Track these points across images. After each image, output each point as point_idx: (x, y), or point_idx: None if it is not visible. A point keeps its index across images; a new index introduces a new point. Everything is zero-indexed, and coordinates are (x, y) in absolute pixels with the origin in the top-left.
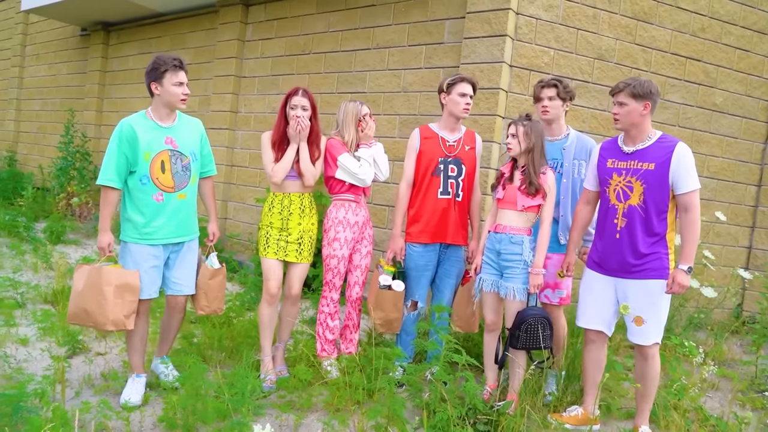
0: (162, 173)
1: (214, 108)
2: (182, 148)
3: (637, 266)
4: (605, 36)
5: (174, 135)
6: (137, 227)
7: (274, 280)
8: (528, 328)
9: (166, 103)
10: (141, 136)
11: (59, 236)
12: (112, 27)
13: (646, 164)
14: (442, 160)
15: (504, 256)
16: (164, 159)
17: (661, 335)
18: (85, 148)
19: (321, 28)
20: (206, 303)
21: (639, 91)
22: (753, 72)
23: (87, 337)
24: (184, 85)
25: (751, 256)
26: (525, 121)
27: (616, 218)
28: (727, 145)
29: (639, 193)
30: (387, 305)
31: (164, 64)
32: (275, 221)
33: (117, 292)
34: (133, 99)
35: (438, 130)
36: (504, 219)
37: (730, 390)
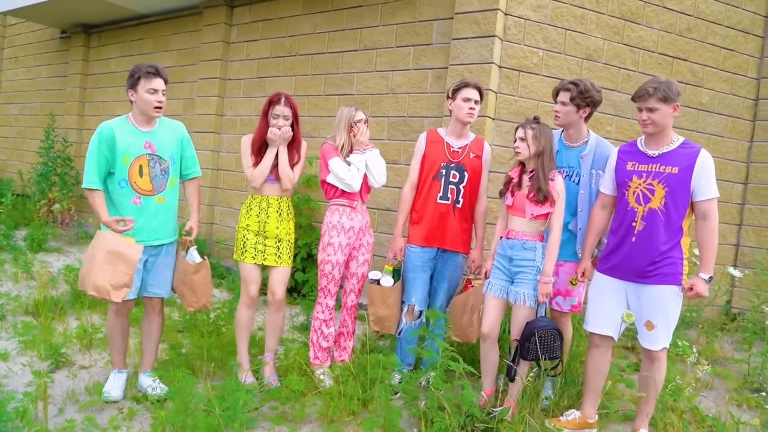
0: (140, 177)
1: (199, 111)
2: (161, 152)
3: (651, 271)
4: (593, 36)
5: (153, 139)
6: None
7: (254, 283)
8: (539, 340)
9: (141, 111)
10: (120, 139)
11: (40, 244)
12: (92, 29)
13: (670, 168)
14: (445, 165)
15: (516, 262)
16: (142, 163)
17: (669, 340)
18: (66, 153)
19: (307, 30)
20: (194, 299)
21: (669, 94)
22: (738, 71)
23: (70, 350)
24: (158, 92)
25: (738, 253)
26: (533, 124)
27: (634, 221)
28: (714, 144)
29: (660, 196)
30: (377, 300)
31: (138, 71)
32: (252, 224)
33: (108, 258)
34: (116, 103)
35: (444, 135)
36: (515, 225)
37: (725, 389)
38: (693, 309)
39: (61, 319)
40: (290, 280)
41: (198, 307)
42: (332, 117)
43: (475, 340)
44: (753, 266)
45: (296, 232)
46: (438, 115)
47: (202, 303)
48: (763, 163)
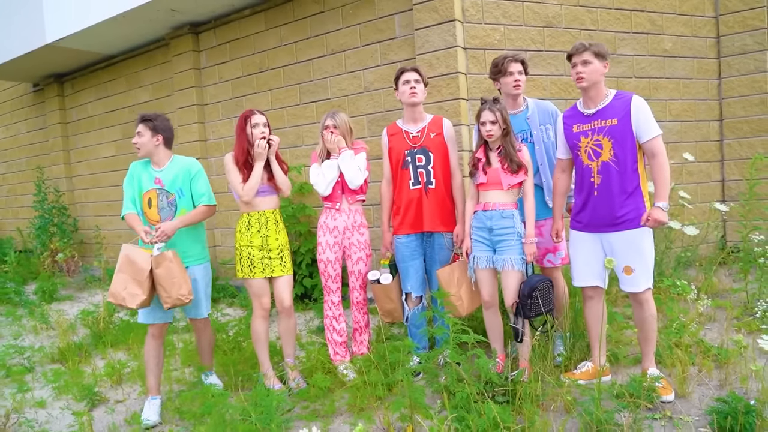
0: (149, 208)
1: (182, 140)
2: (168, 187)
3: (618, 218)
4: (550, 4)
5: (162, 176)
6: None
7: (266, 296)
8: (540, 294)
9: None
10: (138, 176)
11: (51, 294)
12: (64, 77)
13: (609, 120)
14: (408, 152)
15: (496, 231)
16: (152, 196)
17: (650, 280)
18: (60, 203)
19: (274, 43)
20: (165, 294)
21: (601, 50)
22: (695, 13)
23: (103, 388)
24: (136, 135)
25: (725, 188)
26: (497, 105)
27: (591, 177)
28: (684, 87)
29: (609, 148)
30: (380, 297)
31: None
32: (255, 240)
33: (123, 266)
34: (99, 145)
35: (402, 125)
36: (490, 198)
37: (726, 320)
38: (688, 249)
39: (87, 361)
40: (299, 287)
41: (172, 303)
42: (312, 124)
43: (465, 314)
44: (739, 199)
45: (298, 240)
46: None
47: (174, 297)
48: (733, 98)
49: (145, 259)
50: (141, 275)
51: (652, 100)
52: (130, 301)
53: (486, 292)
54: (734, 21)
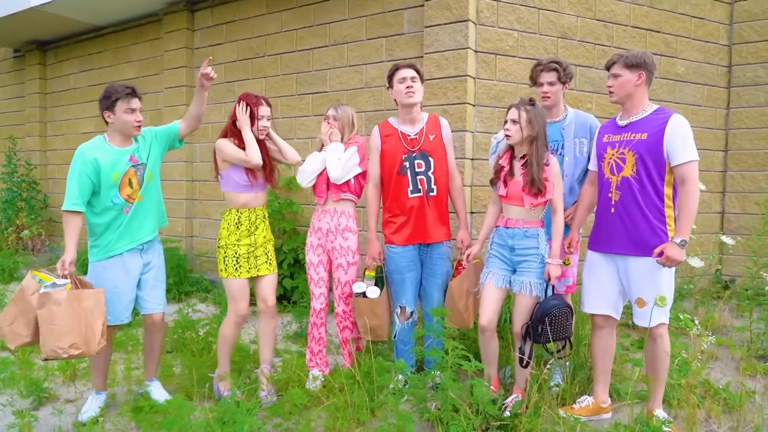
0: (131, 188)
1: (168, 121)
2: (142, 159)
3: (635, 242)
4: (566, 14)
5: (134, 152)
6: (109, 244)
7: (245, 301)
8: (552, 320)
9: (119, 130)
10: (103, 159)
11: (11, 273)
12: (48, 45)
13: (639, 135)
14: (406, 156)
15: (519, 251)
16: (131, 176)
17: (666, 315)
18: (31, 177)
19: (274, 29)
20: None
21: (632, 62)
22: (710, 39)
23: (53, 384)
24: (136, 111)
25: (724, 220)
26: (528, 106)
27: (610, 192)
28: (692, 114)
29: (632, 164)
30: (366, 313)
31: (116, 93)
32: (243, 239)
33: (16, 297)
34: (79, 120)
35: (398, 125)
36: (513, 213)
37: (730, 359)
38: (687, 281)
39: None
40: (279, 287)
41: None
42: (307, 117)
43: (471, 325)
44: (739, 232)
45: (281, 237)
46: None
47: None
48: (740, 129)
49: (102, 295)
50: (30, 314)
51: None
52: (11, 340)
53: (488, 314)
54: (747, 51)
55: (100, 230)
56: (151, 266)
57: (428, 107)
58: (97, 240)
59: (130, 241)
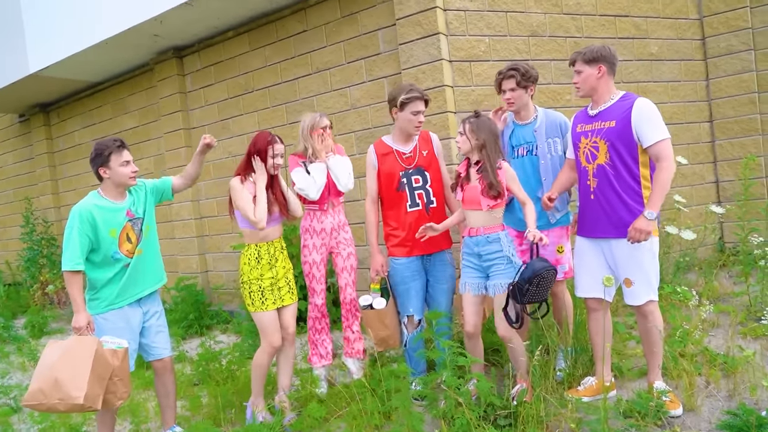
0: (129, 243)
1: (170, 165)
2: (138, 213)
3: (615, 225)
4: (534, 13)
5: (131, 206)
6: (109, 299)
7: (277, 332)
8: (540, 282)
9: (117, 184)
10: (100, 217)
11: (41, 329)
12: (50, 107)
13: (608, 123)
14: (403, 173)
15: (485, 256)
16: (128, 231)
17: (653, 292)
18: (49, 234)
19: (259, 64)
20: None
21: (590, 57)
22: (680, 15)
23: (91, 427)
24: (131, 163)
25: (719, 189)
26: (472, 118)
27: (588, 180)
28: (672, 90)
29: (604, 151)
30: (374, 324)
31: (107, 148)
32: (266, 273)
33: (95, 363)
34: (88, 174)
35: (393, 144)
36: (473, 221)
37: (730, 324)
38: (686, 253)
39: None
40: None
41: (127, 396)
42: None
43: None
44: (736, 199)
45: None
46: None
47: (129, 390)
48: (722, 98)
49: (110, 355)
50: (107, 372)
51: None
52: (100, 403)
53: (471, 321)
54: (718, 22)
55: (100, 284)
56: (152, 313)
57: None
58: (96, 294)
59: (131, 296)
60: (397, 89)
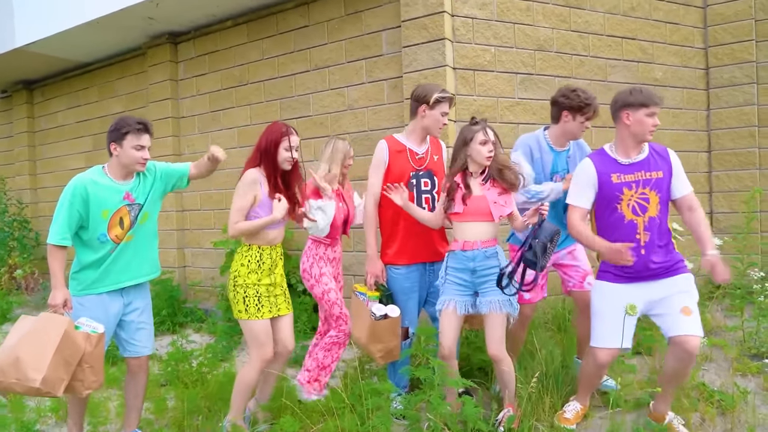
0: (120, 229)
1: (156, 153)
2: (139, 199)
3: (664, 268)
4: (541, 27)
5: (132, 190)
6: (88, 281)
7: (270, 344)
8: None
9: (124, 165)
10: (97, 194)
11: (5, 314)
12: (34, 84)
13: (655, 173)
14: (414, 174)
15: (481, 272)
16: (123, 215)
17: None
18: (22, 216)
19: (255, 57)
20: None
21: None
22: (685, 43)
23: (45, 425)
24: (145, 149)
25: (713, 220)
26: (487, 123)
27: (637, 234)
28: (673, 117)
29: (656, 203)
30: (386, 335)
31: (126, 126)
32: (264, 278)
33: (62, 345)
34: (68, 156)
35: (406, 142)
36: (470, 234)
37: (724, 359)
38: None
39: None
40: None
41: (97, 386)
42: None
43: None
44: (729, 231)
45: None
46: (399, 125)
47: (100, 381)
48: (721, 130)
49: (82, 338)
50: (76, 357)
51: None
52: (61, 390)
53: (449, 341)
54: (723, 53)
55: (81, 265)
56: (134, 307)
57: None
58: (77, 273)
59: (112, 283)
60: (428, 87)
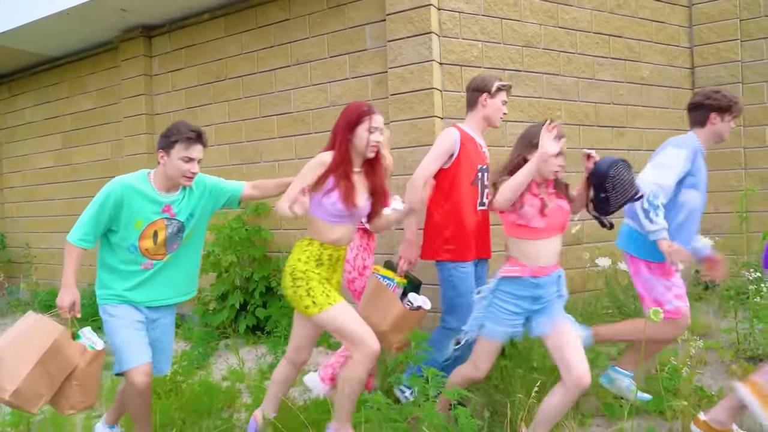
0: (153, 244)
1: (129, 152)
2: (180, 215)
3: None
4: (529, 23)
5: (174, 203)
6: (115, 292)
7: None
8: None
9: (169, 176)
10: (133, 202)
11: None
12: (1, 79)
13: None
14: (481, 167)
15: (545, 299)
16: (158, 228)
17: None
18: None
19: (234, 51)
20: (82, 399)
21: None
22: (671, 42)
23: None
24: (194, 162)
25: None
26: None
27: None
28: (660, 116)
29: None
30: (410, 326)
31: (177, 134)
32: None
33: (47, 356)
34: (36, 155)
35: (473, 134)
36: (545, 255)
37: (719, 362)
38: None
39: None
40: (251, 317)
41: (83, 407)
42: (272, 139)
43: None
44: (714, 232)
45: (251, 265)
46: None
47: (90, 403)
48: None
49: (77, 351)
50: (63, 371)
51: (629, 128)
52: (35, 406)
53: (487, 367)
54: (708, 52)
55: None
56: (158, 324)
57: (396, 122)
58: (105, 280)
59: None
60: (486, 77)
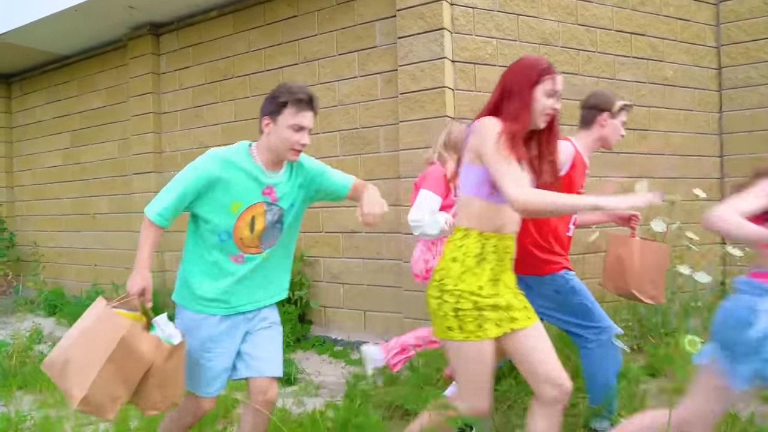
0: (249, 233)
1: (136, 151)
2: (282, 201)
3: None
4: (547, 19)
5: (277, 186)
6: (197, 293)
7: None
8: None
9: (272, 148)
10: (231, 180)
11: None
12: (12, 78)
13: None
14: (581, 190)
15: None
16: (256, 214)
17: None
18: None
19: (241, 49)
20: (161, 398)
21: None
22: (697, 41)
23: None
24: (304, 132)
25: None
26: None
27: None
28: (684, 119)
29: None
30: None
31: (287, 94)
32: (486, 286)
33: (119, 353)
34: (46, 153)
35: (584, 154)
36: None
37: None
38: (694, 298)
39: None
40: None
41: (164, 408)
42: None
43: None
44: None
45: None
46: (393, 122)
47: (170, 402)
48: (735, 134)
49: (151, 347)
50: (138, 371)
51: (651, 131)
52: (112, 413)
53: None
54: (737, 52)
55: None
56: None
57: (406, 122)
58: (188, 277)
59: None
60: (607, 93)
